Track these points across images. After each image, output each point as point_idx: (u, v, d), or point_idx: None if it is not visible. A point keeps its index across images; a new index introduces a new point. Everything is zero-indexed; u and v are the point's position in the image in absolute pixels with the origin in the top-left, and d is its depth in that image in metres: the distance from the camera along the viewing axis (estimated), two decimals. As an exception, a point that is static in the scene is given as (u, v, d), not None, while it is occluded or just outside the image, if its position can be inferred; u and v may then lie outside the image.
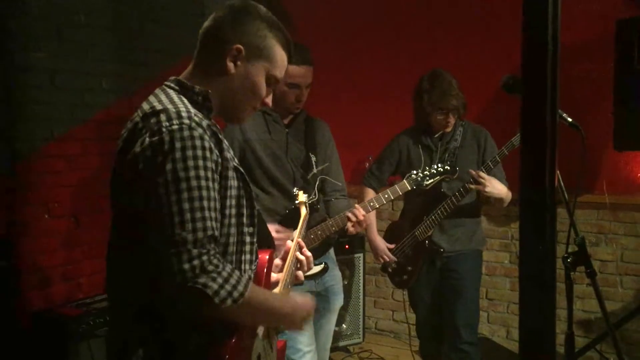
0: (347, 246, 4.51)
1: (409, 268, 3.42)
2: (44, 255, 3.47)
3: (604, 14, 3.81)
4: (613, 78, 3.49)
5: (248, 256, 1.67)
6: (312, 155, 3.01)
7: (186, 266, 1.39)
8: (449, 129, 3.31)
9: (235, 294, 1.45)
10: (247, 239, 1.66)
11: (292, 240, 2.12)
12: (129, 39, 3.90)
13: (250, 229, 1.68)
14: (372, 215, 3.52)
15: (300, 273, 2.06)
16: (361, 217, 2.83)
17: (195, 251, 1.41)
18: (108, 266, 1.64)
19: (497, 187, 3.14)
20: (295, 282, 2.07)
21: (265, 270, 1.82)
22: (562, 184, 2.08)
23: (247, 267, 1.69)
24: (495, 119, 3.86)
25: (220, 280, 1.43)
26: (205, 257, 1.41)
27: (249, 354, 1.68)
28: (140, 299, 1.54)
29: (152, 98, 1.60)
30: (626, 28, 3.42)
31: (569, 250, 2.06)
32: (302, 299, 1.78)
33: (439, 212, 3.24)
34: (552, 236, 0.99)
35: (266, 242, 2.00)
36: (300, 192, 2.68)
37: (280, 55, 1.69)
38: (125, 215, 1.56)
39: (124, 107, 3.77)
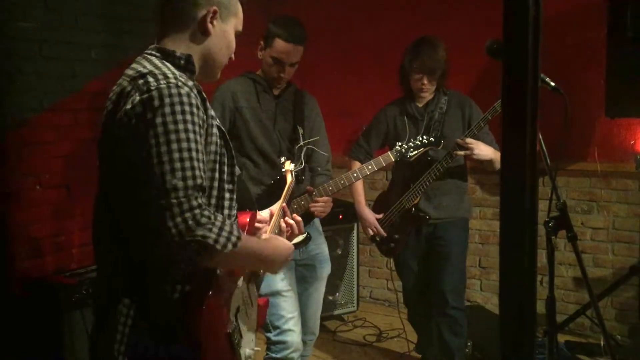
0: (340, 216, 4.51)
1: (396, 236, 3.45)
2: (35, 226, 3.47)
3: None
4: (605, 45, 3.48)
5: (227, 211, 1.73)
6: (299, 128, 2.99)
7: (178, 219, 1.45)
8: (425, 95, 3.31)
9: (233, 239, 1.53)
10: (227, 195, 1.72)
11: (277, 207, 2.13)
12: (119, 8, 3.84)
13: (230, 186, 1.74)
14: (360, 187, 3.54)
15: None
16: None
17: (186, 204, 1.46)
18: (94, 222, 1.71)
19: (484, 150, 3.18)
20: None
21: (245, 232, 1.85)
22: (544, 148, 2.07)
23: None
24: (482, 85, 3.85)
25: (215, 229, 1.49)
26: (197, 211, 1.47)
27: (228, 304, 1.75)
28: (125, 252, 1.61)
29: (135, 65, 1.68)
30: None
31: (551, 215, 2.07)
32: (282, 241, 1.86)
33: (425, 179, 3.26)
34: (533, 201, 0.99)
35: (248, 205, 2.01)
36: (288, 162, 2.69)
37: (240, 8, 1.80)
38: (113, 171, 1.62)
39: (115, 78, 3.65)
